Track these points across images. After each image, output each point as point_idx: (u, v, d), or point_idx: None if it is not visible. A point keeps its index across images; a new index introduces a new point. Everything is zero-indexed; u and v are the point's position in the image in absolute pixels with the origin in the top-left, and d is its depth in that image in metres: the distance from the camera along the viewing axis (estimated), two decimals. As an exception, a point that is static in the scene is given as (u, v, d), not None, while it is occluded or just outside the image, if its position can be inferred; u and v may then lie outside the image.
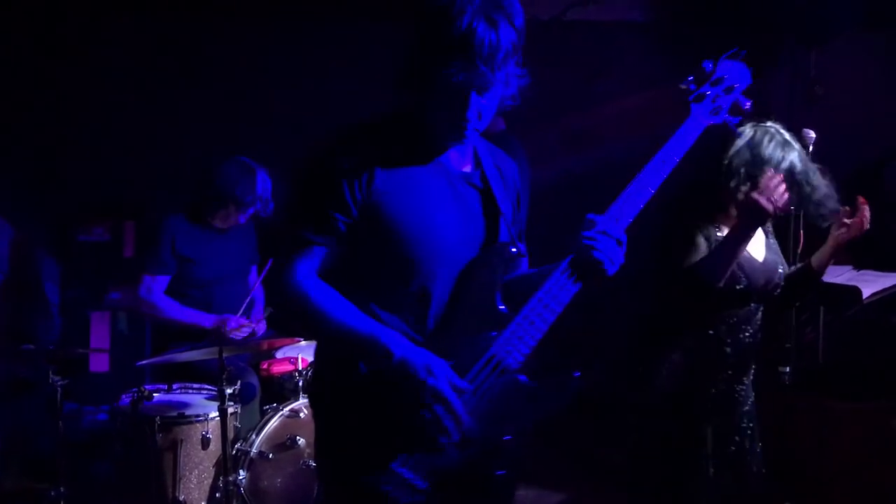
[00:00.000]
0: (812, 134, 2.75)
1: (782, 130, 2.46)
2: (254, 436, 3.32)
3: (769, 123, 2.45)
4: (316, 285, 1.73)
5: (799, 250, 3.09)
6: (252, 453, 3.28)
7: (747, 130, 2.42)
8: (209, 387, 3.44)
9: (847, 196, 5.05)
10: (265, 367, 3.74)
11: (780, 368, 2.81)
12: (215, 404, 3.21)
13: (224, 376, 3.14)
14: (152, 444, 3.15)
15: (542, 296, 1.74)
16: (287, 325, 3.63)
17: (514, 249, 1.82)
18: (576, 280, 1.75)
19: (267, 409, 3.47)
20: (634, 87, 5.33)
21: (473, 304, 1.77)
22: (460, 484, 1.73)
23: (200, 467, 3.23)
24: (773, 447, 2.99)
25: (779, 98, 5.15)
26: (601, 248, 1.74)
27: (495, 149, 1.97)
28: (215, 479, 3.24)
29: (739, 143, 2.41)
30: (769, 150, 2.40)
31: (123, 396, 3.32)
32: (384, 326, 1.72)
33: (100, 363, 4.84)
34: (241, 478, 3.21)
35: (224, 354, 3.15)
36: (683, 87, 1.98)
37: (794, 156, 2.44)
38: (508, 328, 1.73)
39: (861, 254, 4.50)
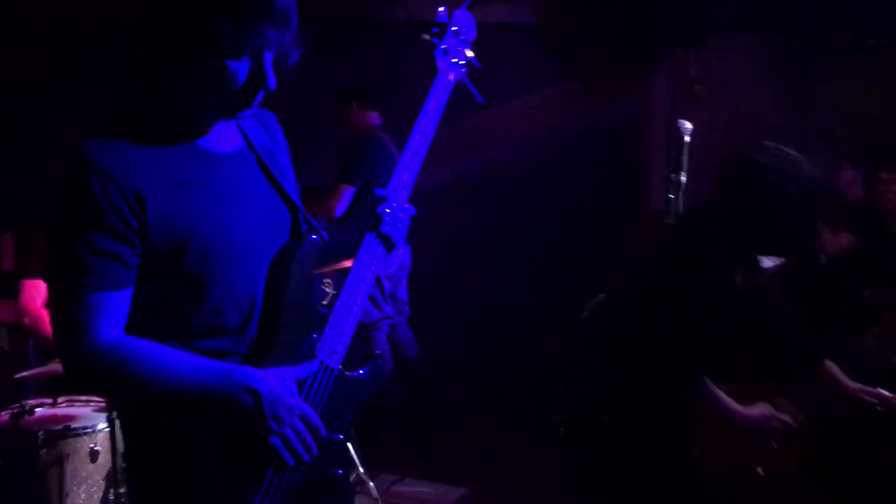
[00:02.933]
0: (688, 125, 2.88)
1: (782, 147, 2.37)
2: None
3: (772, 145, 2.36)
4: (128, 343, 1.43)
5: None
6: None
7: (765, 158, 2.32)
8: (98, 398, 3.32)
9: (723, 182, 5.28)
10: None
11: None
12: (105, 415, 3.10)
13: (112, 385, 3.03)
14: (35, 460, 3.00)
15: (352, 281, 1.67)
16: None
17: (316, 237, 1.62)
18: (377, 259, 1.71)
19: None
20: (522, 88, 5.44)
21: (292, 307, 1.58)
22: (308, 492, 1.62)
23: (89, 481, 3.10)
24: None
25: (660, 97, 5.37)
26: (395, 224, 1.72)
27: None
28: (106, 492, 3.13)
29: (777, 174, 2.28)
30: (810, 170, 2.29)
31: (2, 413, 3.17)
32: (226, 363, 1.49)
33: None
34: (132, 489, 3.11)
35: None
36: (427, 38, 1.89)
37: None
38: (328, 326, 1.63)
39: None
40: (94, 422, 3.14)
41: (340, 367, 1.64)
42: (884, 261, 4.04)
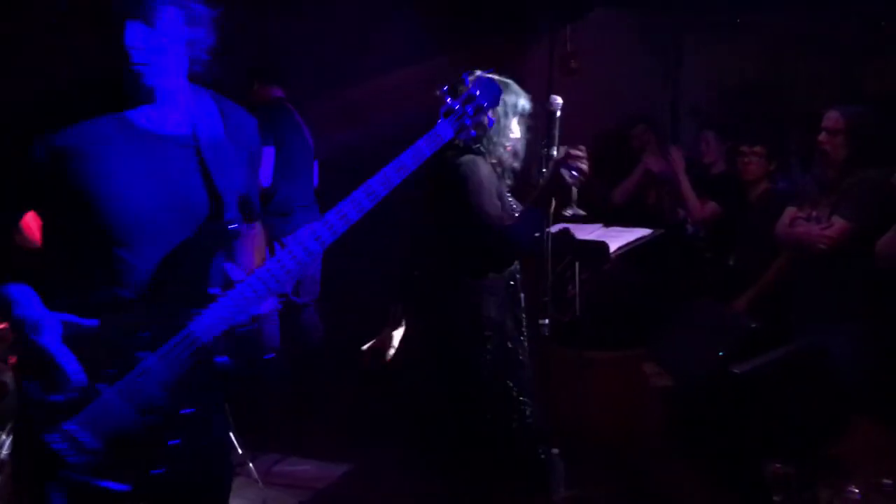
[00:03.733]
0: (559, 100, 2.90)
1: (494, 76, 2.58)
2: (3, 436, 3.05)
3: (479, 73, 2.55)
4: None
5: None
6: (2, 455, 3.01)
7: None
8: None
9: (604, 152, 5.42)
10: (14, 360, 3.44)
11: (540, 321, 2.95)
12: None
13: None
14: None
15: (253, 282, 1.74)
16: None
17: (233, 227, 1.76)
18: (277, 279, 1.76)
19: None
20: (400, 61, 5.40)
21: (181, 280, 1.74)
22: (138, 448, 1.71)
23: (-62, 478, 2.92)
24: (536, 396, 3.18)
25: (539, 72, 5.41)
26: (292, 264, 1.75)
27: (230, 105, 1.87)
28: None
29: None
30: (509, 97, 2.58)
31: None
32: (15, 285, 1.70)
33: None
34: (-11, 483, 2.94)
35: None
36: (439, 94, 2.01)
37: (522, 98, 2.62)
38: (211, 309, 1.73)
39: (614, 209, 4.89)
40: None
41: (207, 345, 1.71)
42: (745, 229, 4.23)
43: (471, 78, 2.14)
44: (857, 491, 2.33)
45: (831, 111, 3.41)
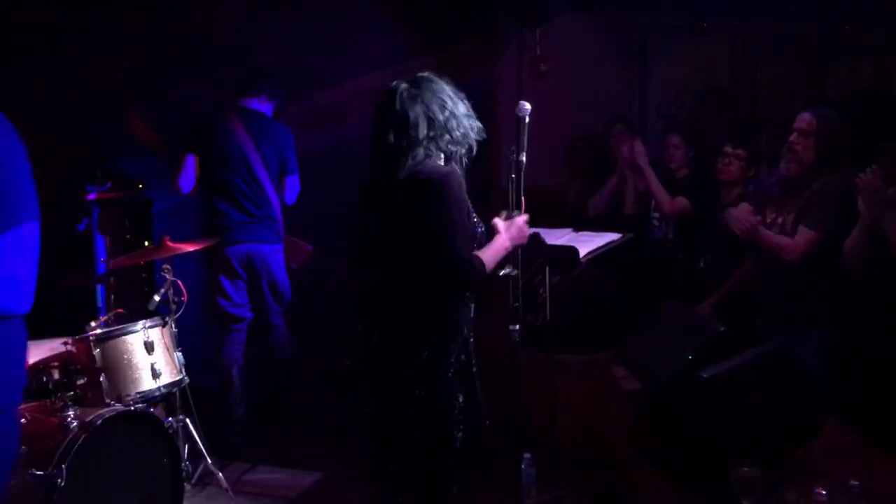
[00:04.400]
0: (527, 106, 2.91)
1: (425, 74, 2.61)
2: None
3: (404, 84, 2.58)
4: None
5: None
6: None
7: (405, 87, 2.54)
8: None
9: (572, 158, 5.38)
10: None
11: (510, 326, 2.95)
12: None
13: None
14: None
15: None
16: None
17: None
18: None
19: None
20: (374, 65, 5.39)
21: None
22: None
23: None
24: (507, 402, 3.18)
25: (509, 76, 5.43)
26: None
27: None
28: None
29: (412, 103, 2.51)
30: (447, 87, 2.58)
31: None
32: None
33: None
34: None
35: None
36: None
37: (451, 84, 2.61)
38: None
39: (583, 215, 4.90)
40: None
41: None
42: (717, 232, 4.24)
43: None
44: (824, 493, 2.34)
45: (804, 113, 3.40)
